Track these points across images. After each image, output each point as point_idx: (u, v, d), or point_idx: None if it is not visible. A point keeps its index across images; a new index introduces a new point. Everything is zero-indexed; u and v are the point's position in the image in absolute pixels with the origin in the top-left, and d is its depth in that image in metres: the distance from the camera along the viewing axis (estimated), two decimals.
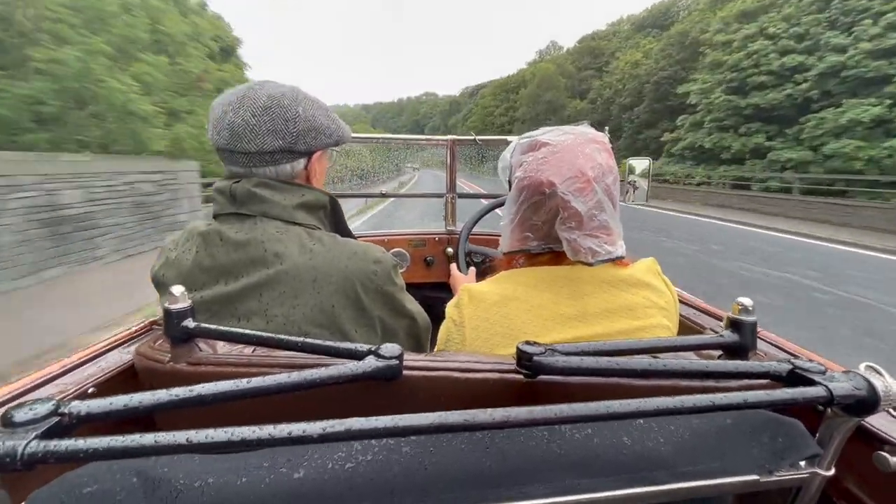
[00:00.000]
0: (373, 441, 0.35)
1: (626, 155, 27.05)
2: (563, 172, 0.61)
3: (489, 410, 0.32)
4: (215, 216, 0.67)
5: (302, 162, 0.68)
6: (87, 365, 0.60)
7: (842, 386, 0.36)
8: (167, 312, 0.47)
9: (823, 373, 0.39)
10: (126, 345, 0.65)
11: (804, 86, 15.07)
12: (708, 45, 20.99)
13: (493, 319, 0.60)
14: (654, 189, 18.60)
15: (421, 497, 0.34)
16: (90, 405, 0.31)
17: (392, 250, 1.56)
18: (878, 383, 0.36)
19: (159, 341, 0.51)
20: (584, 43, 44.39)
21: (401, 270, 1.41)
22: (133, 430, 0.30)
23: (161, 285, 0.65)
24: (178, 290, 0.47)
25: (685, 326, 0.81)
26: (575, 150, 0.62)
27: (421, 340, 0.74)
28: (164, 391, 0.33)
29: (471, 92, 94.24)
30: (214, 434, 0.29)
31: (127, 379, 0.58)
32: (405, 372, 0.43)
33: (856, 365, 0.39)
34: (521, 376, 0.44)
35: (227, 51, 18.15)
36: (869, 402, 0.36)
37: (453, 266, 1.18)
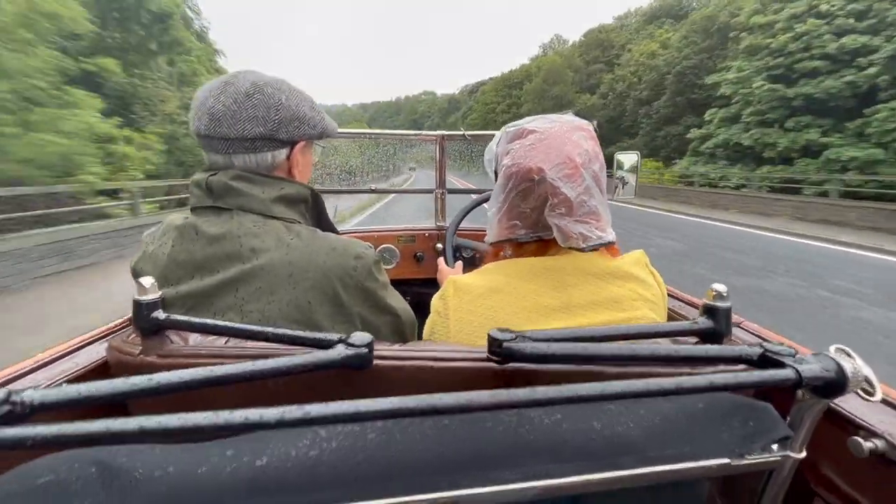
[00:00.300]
0: (338, 428, 0.35)
1: (644, 154, 24.35)
2: (551, 159, 0.61)
3: (452, 394, 0.32)
4: (192, 209, 0.65)
5: (284, 152, 0.67)
6: (62, 360, 0.60)
7: (811, 368, 0.37)
8: (136, 304, 0.46)
9: (793, 356, 0.39)
10: (103, 340, 0.65)
11: (870, 71, 12.71)
12: (742, 28, 18.63)
13: (477, 311, 0.60)
14: (680, 192, 16.18)
15: (385, 483, 0.34)
16: (45, 394, 0.30)
17: (381, 246, 1.55)
18: (847, 365, 0.37)
19: (132, 335, 0.50)
20: (592, 35, 41.77)
21: (390, 266, 1.59)
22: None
23: (139, 278, 0.63)
24: (147, 281, 0.46)
25: (672, 319, 0.82)
26: (562, 137, 0.63)
27: (405, 337, 0.73)
28: (121, 379, 0.33)
29: (470, 90, 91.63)
30: (167, 420, 0.28)
31: (101, 374, 0.57)
32: (377, 362, 0.43)
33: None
34: (493, 364, 0.43)
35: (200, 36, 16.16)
36: (837, 383, 0.36)
37: (440, 260, 1.16)
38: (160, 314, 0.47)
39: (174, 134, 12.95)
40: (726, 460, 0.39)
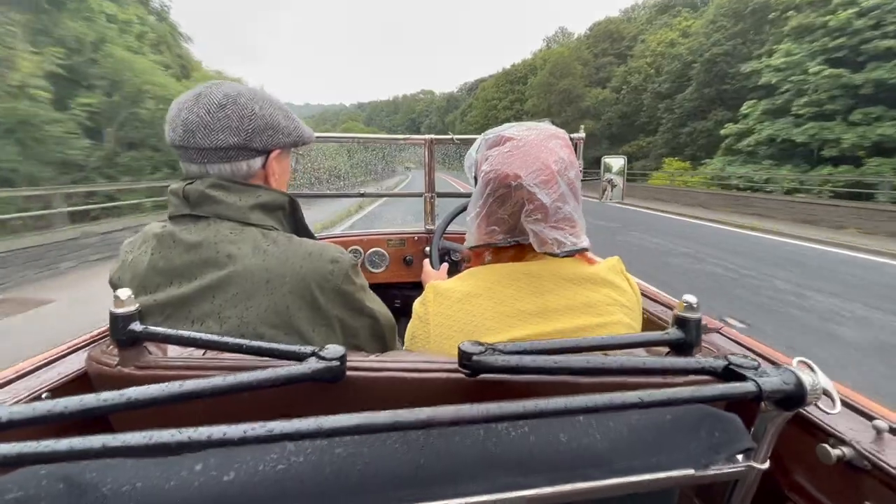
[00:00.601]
0: (306, 443, 0.35)
1: (664, 153, 21.68)
2: (528, 165, 0.62)
3: (415, 410, 0.32)
4: (170, 217, 0.66)
5: (259, 160, 0.68)
6: (44, 370, 0.60)
7: (771, 381, 0.37)
8: (113, 316, 0.46)
9: (756, 368, 0.40)
10: (85, 349, 0.65)
11: None
12: (786, 7, 16.18)
13: (456, 316, 0.61)
14: (715, 198, 14.21)
15: (353, 497, 0.34)
16: (12, 410, 0.31)
17: (370, 250, 1.56)
18: (807, 378, 0.37)
19: (111, 346, 0.51)
20: (599, 28, 39.16)
21: (380, 270, 1.59)
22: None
23: (117, 289, 0.63)
24: (123, 293, 0.47)
25: (650, 322, 0.83)
26: (539, 145, 0.64)
27: (385, 340, 0.74)
28: (93, 396, 0.33)
29: (470, 87, 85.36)
30: (131, 438, 0.28)
31: (82, 384, 0.56)
32: (350, 373, 0.43)
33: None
34: (465, 376, 0.44)
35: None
36: (796, 396, 0.37)
37: (426, 262, 1.15)
38: (137, 326, 0.47)
39: (28, 116, 8.34)
40: (691, 471, 0.39)
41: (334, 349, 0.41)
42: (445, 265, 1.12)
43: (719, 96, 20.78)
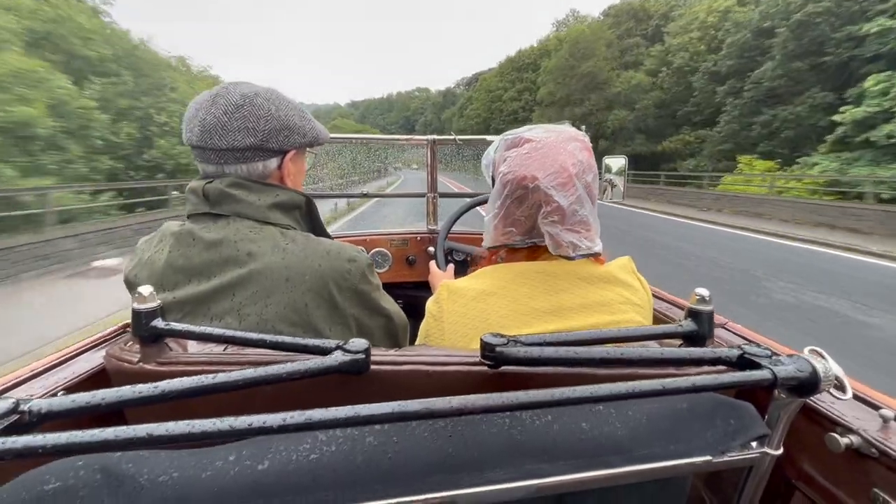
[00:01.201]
0: (337, 432, 0.36)
1: (727, 150, 16.22)
2: (546, 167, 0.62)
3: (447, 398, 0.33)
4: (189, 216, 0.66)
5: (275, 161, 0.68)
6: (57, 369, 0.59)
7: (785, 369, 0.39)
8: (135, 313, 0.46)
9: (770, 357, 0.41)
10: (98, 348, 0.65)
11: None
12: None
13: (470, 314, 0.61)
14: (825, 210, 10.16)
15: (384, 485, 0.35)
16: (51, 402, 0.31)
17: (374, 250, 1.57)
18: (819, 366, 0.39)
19: (130, 343, 0.50)
20: (619, 7, 34.10)
21: (383, 270, 1.60)
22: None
23: (133, 286, 0.63)
24: (146, 290, 0.46)
25: (658, 320, 0.83)
26: (557, 147, 0.64)
27: (398, 339, 0.74)
28: (128, 388, 0.34)
29: (468, 81, 79.31)
30: (175, 427, 0.29)
31: (98, 382, 0.55)
32: (374, 367, 0.43)
33: None
34: (486, 368, 0.44)
35: None
36: (811, 383, 0.38)
37: (432, 263, 1.16)
38: (160, 322, 0.46)
39: None
40: (708, 457, 0.40)
41: (359, 342, 0.41)
42: (451, 266, 1.14)
43: (816, 72, 15.48)
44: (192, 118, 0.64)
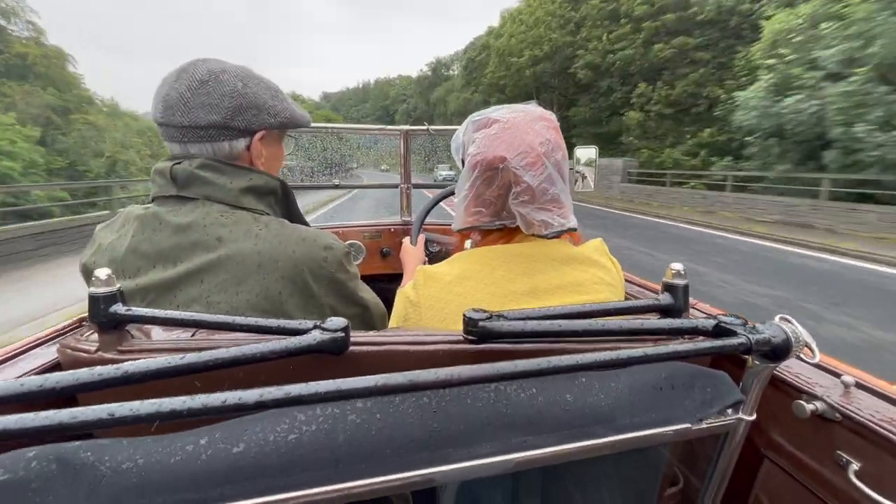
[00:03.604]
0: (318, 411, 0.34)
1: None
2: (514, 148, 0.62)
3: (432, 370, 0.32)
4: (154, 199, 0.63)
5: (242, 142, 0.65)
6: (5, 365, 0.55)
7: (760, 335, 0.40)
8: (92, 298, 0.43)
9: (744, 325, 0.42)
10: (51, 342, 0.60)
11: None
12: None
13: (448, 298, 0.60)
14: None
15: (368, 463, 0.34)
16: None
17: (347, 242, 1.53)
18: (790, 330, 0.41)
19: (87, 333, 0.48)
20: None
21: (356, 262, 1.54)
22: None
23: (91, 274, 0.57)
24: (103, 272, 0.43)
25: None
26: (525, 127, 0.64)
27: (376, 329, 0.73)
28: (86, 370, 0.31)
29: (468, 48, 44.91)
30: (141, 407, 0.27)
31: None
32: (353, 348, 0.43)
33: None
34: (469, 346, 0.44)
35: None
36: (783, 347, 0.40)
37: (405, 239, 1.15)
38: (120, 308, 0.43)
39: None
40: (687, 425, 0.42)
41: (337, 320, 0.40)
42: (422, 238, 1.14)
43: None
44: (156, 95, 0.61)
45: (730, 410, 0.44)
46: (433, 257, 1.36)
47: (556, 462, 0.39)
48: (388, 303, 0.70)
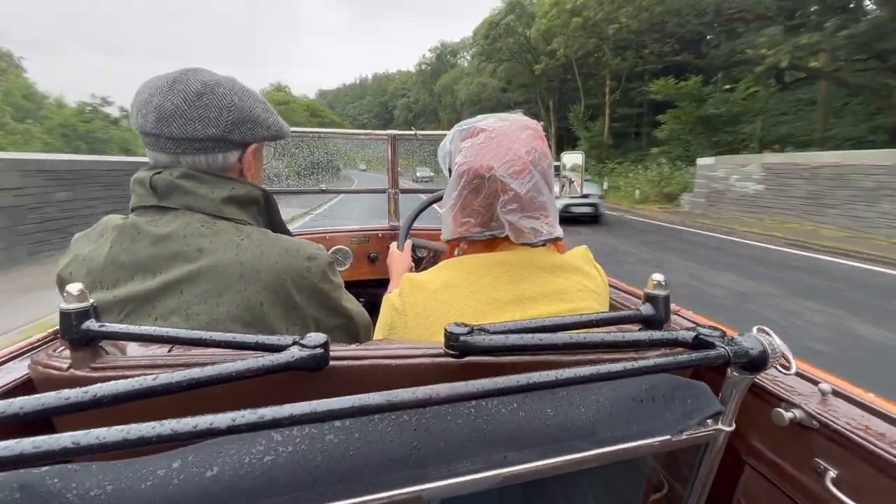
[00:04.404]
0: (294, 432, 0.34)
1: None
2: (500, 156, 0.63)
3: (411, 389, 0.32)
4: (133, 209, 0.62)
5: (236, 154, 0.65)
6: None
7: (738, 347, 0.41)
8: (63, 314, 0.42)
9: (723, 337, 0.43)
10: (22, 357, 0.58)
11: None
12: None
13: (433, 307, 0.60)
14: None
15: (346, 484, 0.33)
16: None
17: (334, 248, 1.53)
18: (767, 342, 0.41)
19: (60, 348, 0.46)
20: None
21: (344, 268, 1.57)
22: None
23: (65, 285, 0.57)
24: (75, 287, 0.42)
25: (615, 309, 0.85)
26: (511, 136, 0.65)
27: (360, 339, 0.72)
28: (52, 394, 0.30)
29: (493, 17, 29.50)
30: (107, 434, 0.26)
31: (24, 395, 0.48)
32: (333, 363, 0.42)
33: None
34: (450, 359, 0.44)
35: None
36: (761, 359, 0.41)
37: (393, 245, 1.14)
38: (93, 324, 0.42)
39: None
40: (668, 437, 0.42)
41: (317, 336, 0.39)
42: (409, 243, 1.13)
43: None
44: (145, 104, 0.59)
45: (710, 421, 0.44)
46: (421, 263, 1.35)
47: (539, 477, 0.39)
48: (376, 308, 0.70)
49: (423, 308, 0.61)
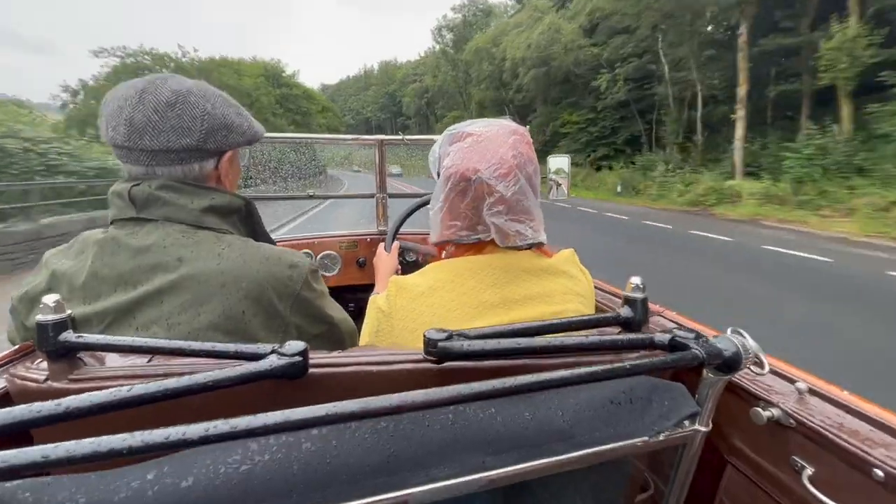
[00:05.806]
0: (271, 440, 0.34)
1: None
2: (487, 159, 0.63)
3: (387, 396, 0.32)
4: (112, 222, 0.61)
5: (212, 162, 0.64)
6: None
7: (712, 348, 0.41)
8: (40, 326, 0.41)
9: (698, 339, 0.43)
10: (2, 368, 0.57)
11: None
12: None
13: (419, 310, 0.61)
14: None
15: (323, 492, 0.33)
16: None
17: (323, 253, 1.53)
18: (740, 343, 0.42)
19: (38, 361, 0.46)
20: None
21: (332, 273, 1.57)
22: None
23: (36, 303, 0.56)
24: (50, 299, 0.42)
25: (600, 310, 0.86)
26: (498, 140, 0.65)
27: (345, 346, 0.72)
28: (24, 407, 0.30)
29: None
30: (77, 447, 0.26)
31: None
32: (313, 370, 0.42)
33: None
34: (430, 364, 0.44)
35: None
36: (735, 359, 0.42)
37: (380, 246, 1.14)
38: (70, 335, 0.42)
39: None
40: (645, 439, 0.42)
41: (295, 344, 0.39)
42: (396, 244, 1.13)
43: None
44: (114, 116, 0.58)
45: (686, 422, 0.45)
46: (408, 266, 1.35)
47: (519, 481, 0.39)
48: (364, 314, 0.70)
49: (410, 311, 0.61)
